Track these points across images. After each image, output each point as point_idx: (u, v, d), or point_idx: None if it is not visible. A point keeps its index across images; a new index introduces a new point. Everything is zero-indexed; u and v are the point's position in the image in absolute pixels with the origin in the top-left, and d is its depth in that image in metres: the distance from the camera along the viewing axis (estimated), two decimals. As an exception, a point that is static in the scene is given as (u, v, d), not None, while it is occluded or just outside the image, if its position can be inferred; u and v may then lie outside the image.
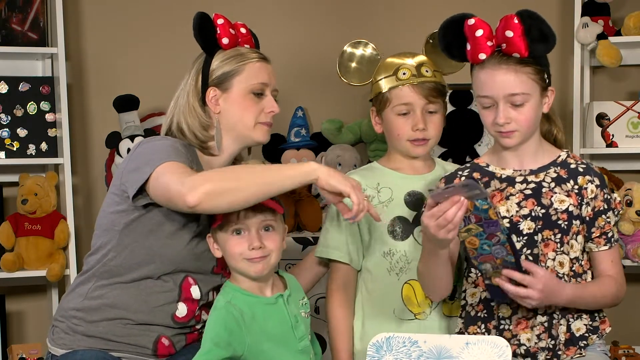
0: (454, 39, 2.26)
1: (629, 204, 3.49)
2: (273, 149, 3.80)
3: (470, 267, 2.32)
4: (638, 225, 3.51)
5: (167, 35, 3.76)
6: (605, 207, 2.28)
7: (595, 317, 2.31)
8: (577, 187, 2.28)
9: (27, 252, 3.45)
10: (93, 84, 3.77)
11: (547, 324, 2.26)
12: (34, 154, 3.51)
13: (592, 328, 2.30)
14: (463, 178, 2.33)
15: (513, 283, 2.15)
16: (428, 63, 2.46)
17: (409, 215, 2.42)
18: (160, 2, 3.79)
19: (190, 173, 2.15)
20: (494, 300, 2.27)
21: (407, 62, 2.45)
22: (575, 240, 2.27)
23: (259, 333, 2.15)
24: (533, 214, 2.25)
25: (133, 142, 3.47)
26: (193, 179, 2.10)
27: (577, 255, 2.27)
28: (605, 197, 2.29)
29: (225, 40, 2.36)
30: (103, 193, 3.54)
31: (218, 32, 2.36)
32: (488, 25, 2.23)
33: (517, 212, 2.26)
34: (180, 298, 2.33)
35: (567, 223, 2.25)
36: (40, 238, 3.46)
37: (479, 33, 2.21)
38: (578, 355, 2.28)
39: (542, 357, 2.25)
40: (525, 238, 2.25)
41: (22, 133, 3.49)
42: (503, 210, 2.26)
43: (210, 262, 2.33)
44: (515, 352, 2.26)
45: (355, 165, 3.59)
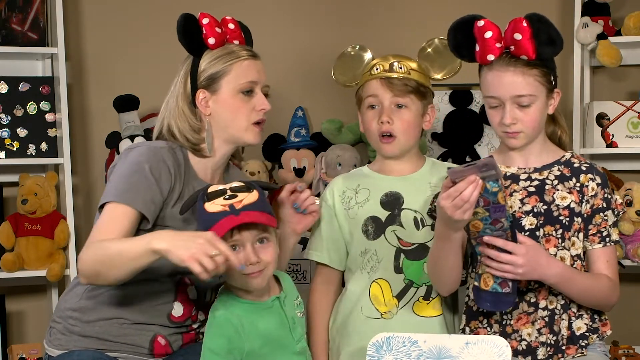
0: (464, 40, 2.29)
1: (629, 204, 3.49)
2: (273, 149, 3.80)
3: (475, 263, 2.32)
4: (638, 225, 3.51)
5: (167, 35, 3.71)
6: (604, 205, 2.29)
7: (596, 318, 2.32)
8: (579, 184, 2.30)
9: (27, 252, 3.45)
10: (93, 84, 3.77)
11: (548, 319, 2.27)
12: (34, 154, 3.51)
13: (592, 328, 2.31)
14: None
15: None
16: (406, 62, 2.45)
17: (382, 215, 2.44)
18: (160, 2, 3.78)
19: (100, 239, 2.16)
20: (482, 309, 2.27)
21: (385, 60, 2.47)
22: (577, 238, 2.28)
23: (258, 338, 2.15)
24: (535, 210, 2.28)
25: (133, 142, 3.47)
26: (80, 260, 2.17)
27: (578, 253, 2.29)
28: (605, 196, 2.30)
29: (212, 40, 2.34)
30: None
31: (204, 32, 2.34)
32: (497, 27, 2.26)
33: (519, 208, 2.28)
34: (177, 298, 2.33)
35: (568, 219, 2.27)
36: (40, 238, 3.46)
37: (488, 34, 2.24)
38: (579, 355, 2.29)
39: (542, 352, 2.26)
40: (527, 234, 2.26)
41: (22, 133, 3.49)
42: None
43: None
44: (517, 348, 2.27)
45: (355, 165, 3.59)
